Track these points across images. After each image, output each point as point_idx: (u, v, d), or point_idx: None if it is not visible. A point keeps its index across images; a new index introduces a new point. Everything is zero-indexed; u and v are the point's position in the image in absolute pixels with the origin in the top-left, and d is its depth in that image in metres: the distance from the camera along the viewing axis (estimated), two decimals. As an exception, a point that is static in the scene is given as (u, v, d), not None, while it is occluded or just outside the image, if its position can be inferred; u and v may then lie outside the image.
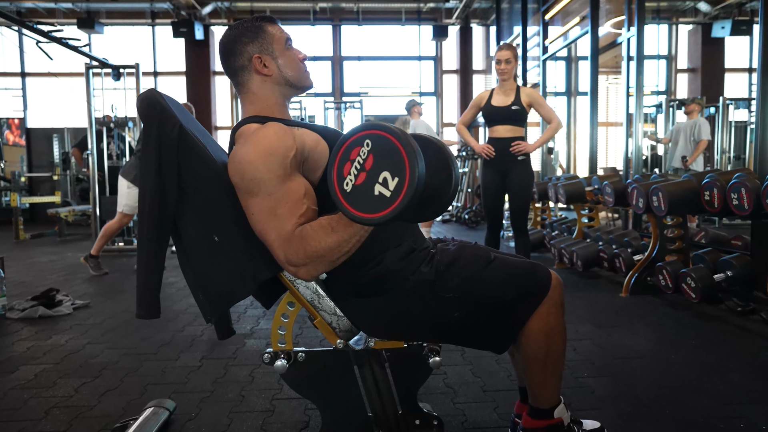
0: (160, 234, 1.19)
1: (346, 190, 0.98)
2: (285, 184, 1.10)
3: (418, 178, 0.91)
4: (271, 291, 1.36)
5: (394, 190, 0.93)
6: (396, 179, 0.93)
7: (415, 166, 0.92)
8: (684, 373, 2.05)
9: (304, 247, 1.07)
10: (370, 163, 0.96)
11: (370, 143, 0.96)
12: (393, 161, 0.94)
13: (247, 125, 1.22)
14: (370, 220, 0.96)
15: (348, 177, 0.98)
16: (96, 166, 5.43)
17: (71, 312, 3.05)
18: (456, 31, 10.63)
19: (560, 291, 1.26)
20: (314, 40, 10.54)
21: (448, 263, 1.25)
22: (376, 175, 0.95)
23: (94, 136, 5.41)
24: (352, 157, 0.98)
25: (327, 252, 1.07)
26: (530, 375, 1.28)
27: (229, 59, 1.26)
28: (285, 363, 1.23)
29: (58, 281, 4.00)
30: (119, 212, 4.22)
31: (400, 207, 0.93)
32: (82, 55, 5.46)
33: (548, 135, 3.49)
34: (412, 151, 0.92)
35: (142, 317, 1.22)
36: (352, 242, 1.07)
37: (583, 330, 2.61)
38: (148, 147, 1.17)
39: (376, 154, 0.96)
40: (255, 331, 2.68)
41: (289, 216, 1.09)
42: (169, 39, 9.68)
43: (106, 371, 2.13)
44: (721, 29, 9.27)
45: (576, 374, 2.03)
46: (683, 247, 3.26)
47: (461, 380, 1.99)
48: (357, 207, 0.97)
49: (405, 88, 10.94)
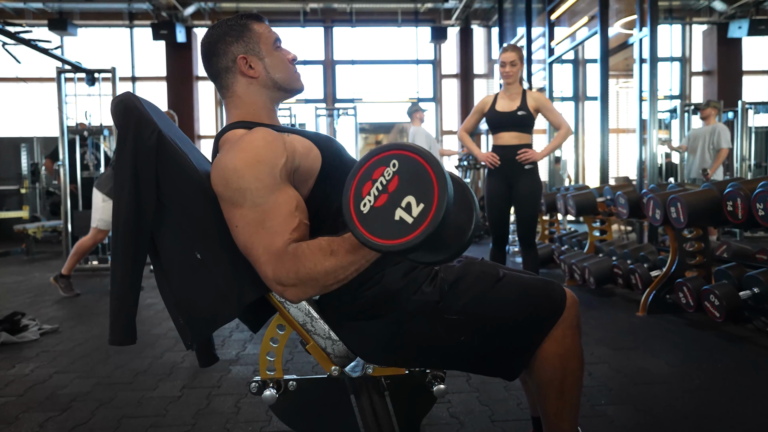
0: (136, 250, 1.17)
1: (363, 212, 0.94)
2: (274, 195, 1.08)
3: (446, 207, 0.89)
4: (258, 313, 1.34)
5: (418, 217, 0.90)
6: (421, 205, 0.90)
7: (444, 194, 0.89)
8: (711, 400, 2.02)
9: (297, 267, 1.04)
10: (395, 185, 0.93)
11: (397, 164, 0.93)
12: (420, 186, 0.91)
13: (233, 131, 1.21)
14: (385, 246, 0.92)
15: (366, 197, 0.94)
16: (68, 178, 5.40)
17: (38, 338, 3.01)
18: (456, 33, 10.73)
19: (576, 311, 1.24)
20: (305, 43, 10.62)
21: (452, 282, 1.23)
22: (399, 199, 0.92)
23: (66, 146, 5.39)
24: (375, 176, 0.95)
25: (321, 276, 1.04)
26: (545, 403, 1.25)
27: (212, 60, 1.25)
28: (274, 392, 1.21)
29: (24, 304, 3.94)
30: (93, 228, 4.19)
31: (421, 237, 0.89)
32: (54, 59, 5.46)
33: (557, 142, 3.50)
34: (443, 178, 0.89)
35: (116, 343, 1.19)
36: (350, 270, 1.05)
37: (598, 353, 2.59)
38: (124, 155, 1.15)
39: (403, 176, 0.93)
40: (241, 357, 2.64)
41: (279, 230, 1.07)
42: (148, 42, 9.72)
43: (75, 403, 2.09)
44: (738, 29, 9.38)
45: (592, 401, 2.00)
46: (704, 261, 3.25)
47: (467, 409, 1.96)
48: (372, 231, 0.93)
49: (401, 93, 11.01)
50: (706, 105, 6.10)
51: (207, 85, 10.45)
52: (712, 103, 6.08)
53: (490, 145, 3.51)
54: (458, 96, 10.79)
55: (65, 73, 5.42)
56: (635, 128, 4.90)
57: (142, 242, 1.18)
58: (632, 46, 4.94)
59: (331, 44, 10.67)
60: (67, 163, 5.40)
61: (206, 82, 10.38)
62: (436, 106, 10.93)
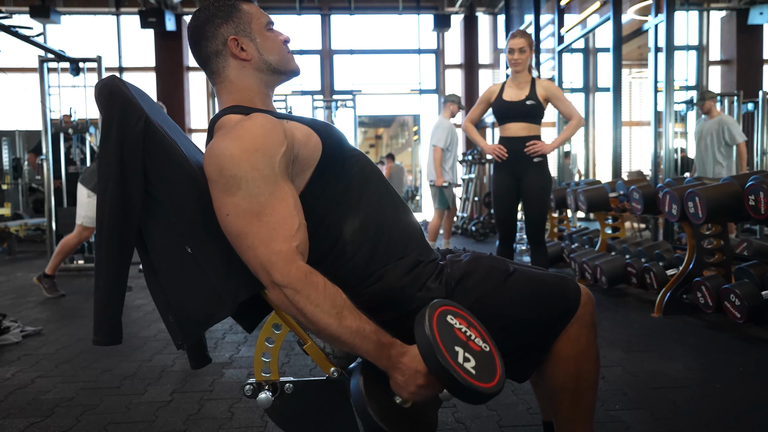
0: (122, 246, 1.16)
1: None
2: (271, 188, 1.06)
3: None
4: (253, 312, 1.33)
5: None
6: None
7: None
8: (731, 406, 2.01)
9: (300, 289, 1.02)
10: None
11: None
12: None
13: (228, 116, 1.19)
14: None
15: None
16: (52, 174, 5.39)
17: (20, 340, 3.00)
18: (460, 21, 10.72)
19: (591, 308, 1.22)
20: (301, 32, 10.61)
21: (459, 278, 1.21)
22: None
23: (50, 140, 5.37)
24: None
25: (311, 320, 1.02)
26: (558, 408, 1.24)
27: (201, 45, 1.24)
28: (270, 396, 1.20)
29: (6, 305, 3.93)
30: (78, 225, 4.18)
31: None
32: (36, 47, 5.45)
33: (568, 133, 3.48)
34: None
35: (101, 343, 1.18)
36: (339, 345, 1.06)
37: (612, 356, 2.57)
38: (108, 143, 1.14)
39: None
40: (235, 360, 2.63)
41: (281, 229, 1.05)
42: (136, 30, 9.72)
43: (59, 409, 2.07)
44: (759, 15, 9.33)
45: (606, 406, 1.99)
46: (724, 259, 3.24)
47: (474, 414, 1.95)
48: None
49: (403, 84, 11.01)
50: (702, 98, 5.75)
51: (198, 76, 10.44)
52: (708, 94, 5.74)
53: (497, 137, 3.49)
54: (462, 87, 10.78)
55: (48, 63, 5.40)
56: (649, 121, 4.89)
57: (129, 236, 1.17)
58: (647, 33, 4.92)
59: (329, 33, 10.66)
60: (51, 158, 5.39)
61: (198, 73, 10.37)
62: (438, 97, 10.91)
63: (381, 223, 1.21)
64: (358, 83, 10.80)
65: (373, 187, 1.24)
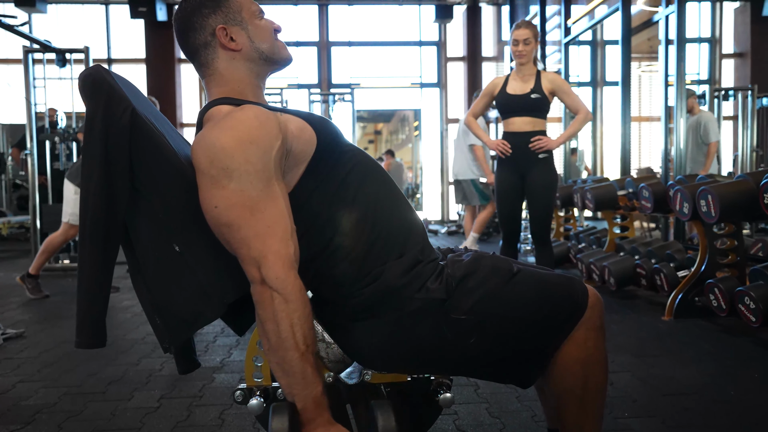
0: (106, 242, 1.15)
1: None
2: (263, 183, 1.06)
3: None
4: (244, 313, 1.32)
5: None
6: None
7: None
8: (747, 414, 2.01)
9: (285, 297, 1.04)
10: None
11: None
12: None
13: (218, 107, 1.18)
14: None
15: None
16: (36, 169, 5.37)
17: (1, 343, 2.99)
18: (462, 12, 10.71)
19: (600, 310, 1.22)
20: (297, 23, 10.59)
21: (461, 277, 1.20)
22: None
23: (35, 134, 5.36)
24: None
25: (283, 332, 1.04)
26: (564, 415, 1.23)
27: (188, 36, 1.23)
28: (261, 401, 1.20)
29: (-11, 306, 3.92)
30: (64, 223, 4.18)
31: None
32: (20, 37, 5.42)
33: (575, 128, 3.48)
34: None
35: (84, 346, 1.17)
36: (276, 368, 1.07)
37: (620, 360, 2.57)
38: (93, 135, 1.13)
39: None
40: (226, 364, 2.63)
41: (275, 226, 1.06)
42: (125, 20, 9.70)
43: (40, 416, 2.07)
44: (775, 6, 9.35)
45: (615, 414, 1.99)
46: (738, 260, 3.24)
47: (475, 422, 1.94)
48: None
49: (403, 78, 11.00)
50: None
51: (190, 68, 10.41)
52: (689, 92, 5.81)
53: (501, 133, 3.49)
54: (465, 81, 10.77)
55: (33, 54, 5.39)
56: (659, 116, 4.88)
57: (114, 233, 1.16)
58: (657, 24, 4.91)
59: (327, 24, 10.64)
60: (36, 153, 5.37)
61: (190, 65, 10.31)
62: (440, 91, 10.92)
63: (378, 219, 1.20)
64: (357, 76, 10.79)
65: (371, 183, 1.23)
